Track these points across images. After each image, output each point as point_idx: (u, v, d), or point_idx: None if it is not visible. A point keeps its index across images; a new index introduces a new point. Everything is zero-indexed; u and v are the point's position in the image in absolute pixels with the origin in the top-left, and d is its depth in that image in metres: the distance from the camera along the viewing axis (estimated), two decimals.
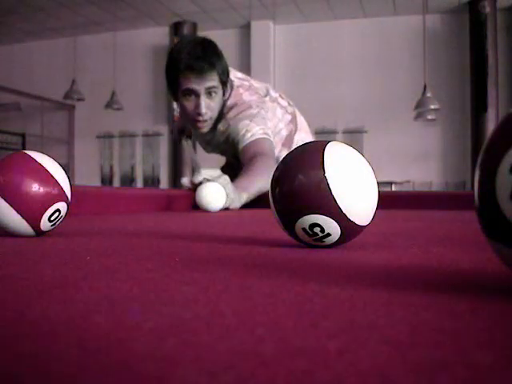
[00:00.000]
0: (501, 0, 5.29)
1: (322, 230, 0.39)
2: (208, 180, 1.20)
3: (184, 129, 1.85)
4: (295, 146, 1.37)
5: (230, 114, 1.56)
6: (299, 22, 6.12)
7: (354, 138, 6.09)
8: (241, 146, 1.50)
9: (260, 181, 1.29)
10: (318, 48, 6.12)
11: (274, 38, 6.17)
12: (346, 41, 6.08)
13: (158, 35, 6.53)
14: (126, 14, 6.04)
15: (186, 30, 6.07)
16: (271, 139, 1.55)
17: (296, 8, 5.74)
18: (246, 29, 6.24)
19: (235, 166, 1.71)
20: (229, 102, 1.58)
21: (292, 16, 5.96)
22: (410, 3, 5.52)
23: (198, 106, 1.49)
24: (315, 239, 0.40)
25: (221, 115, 1.58)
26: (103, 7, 5.82)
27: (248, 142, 1.48)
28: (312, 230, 0.39)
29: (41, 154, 0.50)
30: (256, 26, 6.13)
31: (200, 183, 1.22)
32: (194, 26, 6.20)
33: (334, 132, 6.12)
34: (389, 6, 5.67)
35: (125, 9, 5.85)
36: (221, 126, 1.59)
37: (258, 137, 1.49)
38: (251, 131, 1.50)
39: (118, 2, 5.57)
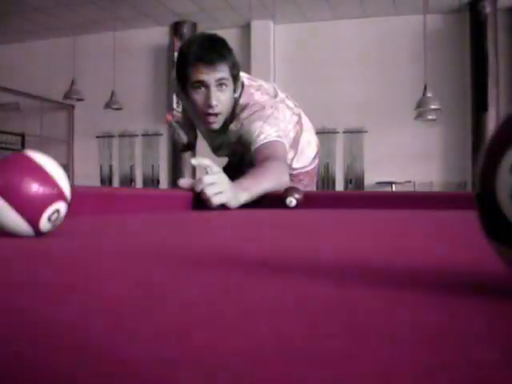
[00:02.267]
0: (501, 0, 5.29)
1: None
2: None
3: (189, 144, 1.85)
4: (301, 147, 1.38)
5: (243, 115, 1.55)
6: (299, 22, 6.12)
7: (354, 137, 6.10)
8: (253, 147, 1.49)
9: (265, 183, 1.28)
10: (318, 48, 6.12)
11: (273, 37, 6.18)
12: (346, 41, 6.08)
13: (158, 35, 6.53)
14: (125, 14, 6.04)
15: (185, 30, 6.08)
16: (284, 142, 1.54)
17: (296, 8, 5.74)
18: (245, 29, 6.25)
19: (236, 167, 1.71)
20: (241, 101, 1.57)
21: (292, 16, 5.97)
22: (410, 3, 5.53)
23: (208, 97, 1.48)
24: None
25: (233, 115, 1.57)
26: (103, 7, 5.82)
27: (261, 143, 1.47)
28: None
29: (40, 154, 0.49)
30: (256, 26, 6.13)
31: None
32: (194, 26, 6.20)
33: (334, 132, 6.13)
34: (389, 6, 5.67)
35: (125, 9, 5.85)
36: (233, 126, 1.59)
37: (271, 139, 1.48)
38: (265, 133, 1.49)
39: (117, 2, 5.57)
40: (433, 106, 4.60)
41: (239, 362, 0.13)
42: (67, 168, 6.69)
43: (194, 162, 1.24)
